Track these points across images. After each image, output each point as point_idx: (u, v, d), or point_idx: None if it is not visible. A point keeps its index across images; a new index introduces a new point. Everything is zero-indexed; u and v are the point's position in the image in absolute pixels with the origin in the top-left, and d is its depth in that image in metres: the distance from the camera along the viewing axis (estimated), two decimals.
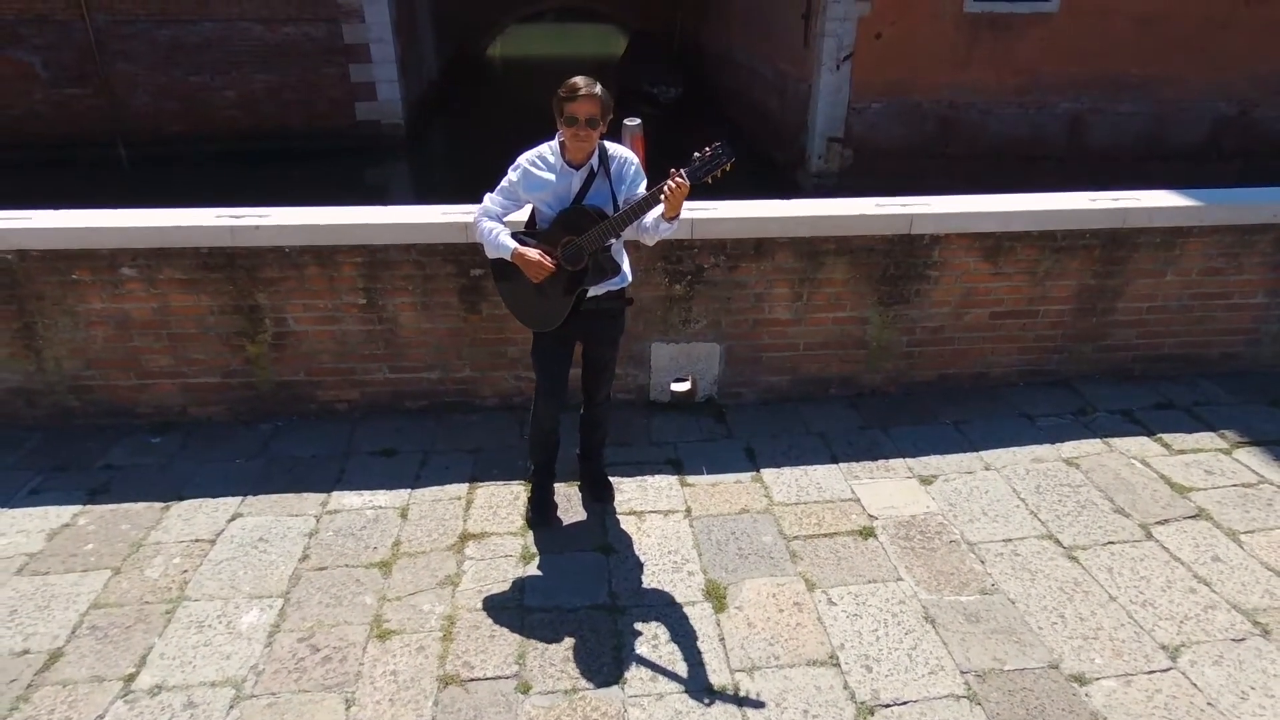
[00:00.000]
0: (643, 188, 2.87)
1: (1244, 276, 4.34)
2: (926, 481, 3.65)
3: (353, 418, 4.09)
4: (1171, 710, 2.52)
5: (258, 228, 3.65)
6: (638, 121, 5.26)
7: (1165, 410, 4.21)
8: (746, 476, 3.68)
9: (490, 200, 2.97)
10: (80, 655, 2.70)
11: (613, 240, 2.84)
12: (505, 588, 3.01)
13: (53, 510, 3.41)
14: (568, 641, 2.76)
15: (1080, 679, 2.63)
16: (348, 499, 3.50)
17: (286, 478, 3.63)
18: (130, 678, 2.61)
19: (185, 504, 3.45)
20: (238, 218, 3.69)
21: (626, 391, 4.16)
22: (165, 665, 2.66)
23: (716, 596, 2.97)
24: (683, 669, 2.65)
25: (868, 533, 3.31)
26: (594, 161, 2.84)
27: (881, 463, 3.78)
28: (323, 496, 3.51)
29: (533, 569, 3.11)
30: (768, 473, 3.70)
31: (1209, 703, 2.54)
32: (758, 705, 2.53)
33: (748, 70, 16.11)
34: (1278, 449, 3.85)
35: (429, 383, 4.09)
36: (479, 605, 2.92)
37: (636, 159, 2.96)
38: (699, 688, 2.58)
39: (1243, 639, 2.78)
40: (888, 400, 4.31)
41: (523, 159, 2.92)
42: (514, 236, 2.87)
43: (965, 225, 4.01)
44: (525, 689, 2.58)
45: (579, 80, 2.71)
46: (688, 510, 3.45)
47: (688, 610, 2.91)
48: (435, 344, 4.00)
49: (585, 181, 2.85)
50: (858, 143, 12.04)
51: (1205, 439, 3.95)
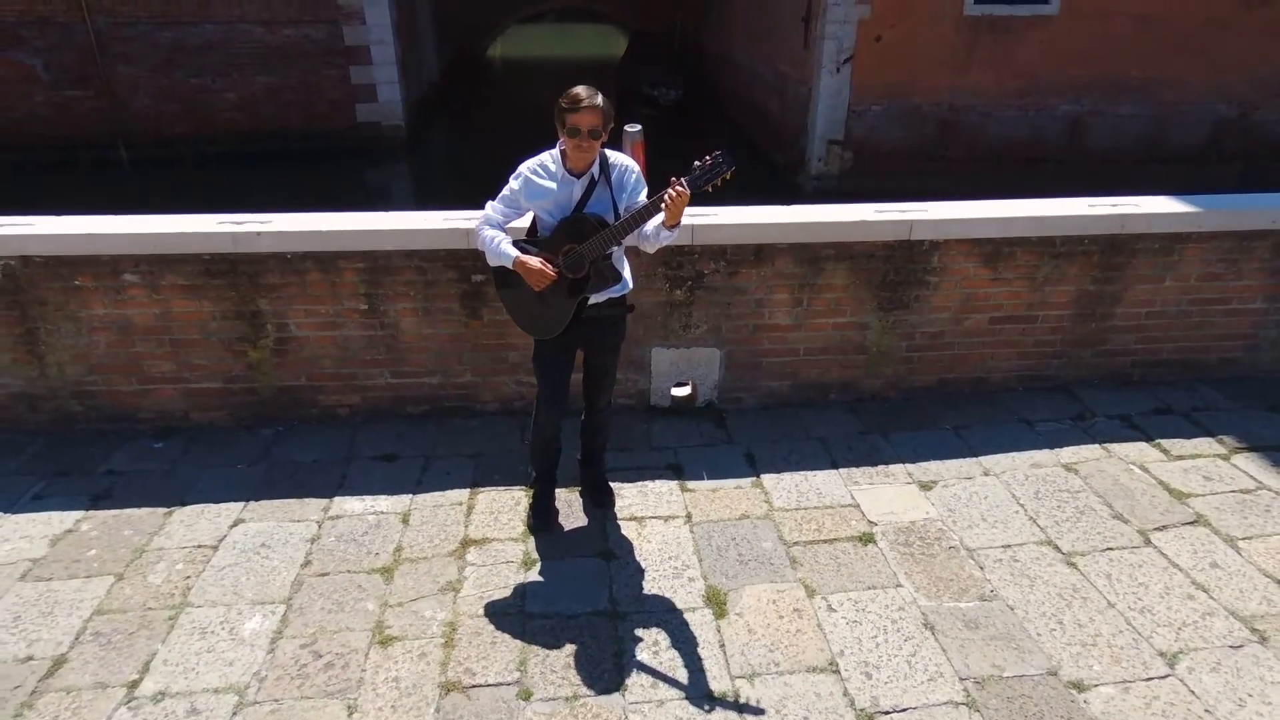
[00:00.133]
0: (643, 196, 2.89)
1: (1243, 282, 4.35)
2: (926, 487, 3.66)
3: (354, 423, 4.11)
4: (1169, 717, 2.53)
5: (260, 234, 3.66)
6: (639, 128, 5.29)
7: (1164, 415, 4.22)
8: (747, 482, 3.69)
9: (492, 208, 2.98)
10: (84, 662, 2.71)
11: (614, 248, 2.85)
12: (506, 594, 3.02)
13: (56, 516, 3.42)
14: (569, 648, 2.78)
15: (1079, 686, 2.64)
16: (349, 504, 3.52)
17: (288, 483, 3.65)
18: (133, 684, 2.63)
19: (188, 509, 3.47)
20: (240, 224, 3.70)
21: (627, 396, 4.17)
22: (168, 672, 2.67)
23: (717, 602, 2.98)
24: (683, 675, 2.67)
25: (867, 539, 3.33)
26: (595, 170, 2.86)
27: (881, 468, 3.79)
28: (324, 502, 3.53)
29: (534, 575, 3.13)
30: (768, 478, 3.71)
31: (1206, 710, 2.55)
32: (758, 712, 2.54)
33: (748, 72, 16.12)
34: (1276, 455, 3.86)
35: (430, 388, 4.10)
36: (480, 611, 2.93)
37: (637, 167, 2.97)
38: (699, 694, 2.60)
39: (1240, 646, 2.79)
40: (887, 405, 4.32)
41: (524, 167, 2.94)
42: (515, 244, 2.88)
43: (965, 231, 4.03)
44: (526, 696, 2.59)
45: (581, 91, 2.71)
46: (688, 516, 3.46)
47: (688, 616, 2.92)
48: (436, 349, 4.01)
49: (586, 190, 2.86)
50: (858, 145, 12.05)
51: (1204, 444, 3.96)
